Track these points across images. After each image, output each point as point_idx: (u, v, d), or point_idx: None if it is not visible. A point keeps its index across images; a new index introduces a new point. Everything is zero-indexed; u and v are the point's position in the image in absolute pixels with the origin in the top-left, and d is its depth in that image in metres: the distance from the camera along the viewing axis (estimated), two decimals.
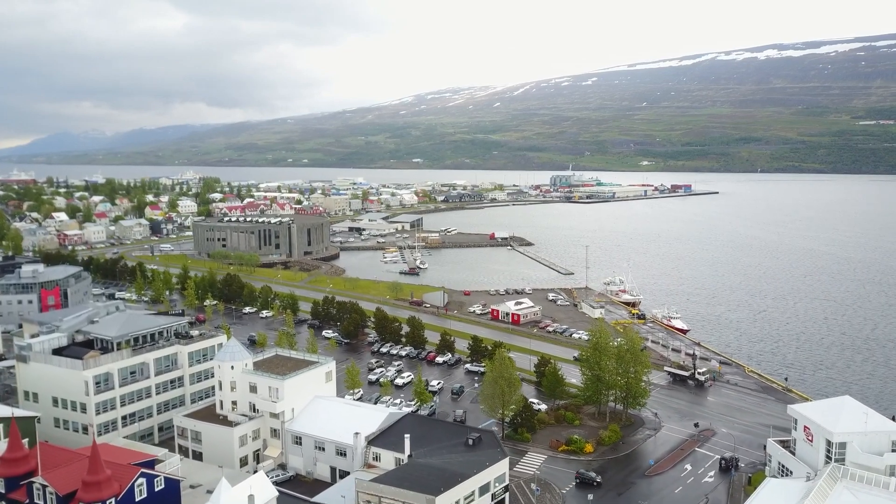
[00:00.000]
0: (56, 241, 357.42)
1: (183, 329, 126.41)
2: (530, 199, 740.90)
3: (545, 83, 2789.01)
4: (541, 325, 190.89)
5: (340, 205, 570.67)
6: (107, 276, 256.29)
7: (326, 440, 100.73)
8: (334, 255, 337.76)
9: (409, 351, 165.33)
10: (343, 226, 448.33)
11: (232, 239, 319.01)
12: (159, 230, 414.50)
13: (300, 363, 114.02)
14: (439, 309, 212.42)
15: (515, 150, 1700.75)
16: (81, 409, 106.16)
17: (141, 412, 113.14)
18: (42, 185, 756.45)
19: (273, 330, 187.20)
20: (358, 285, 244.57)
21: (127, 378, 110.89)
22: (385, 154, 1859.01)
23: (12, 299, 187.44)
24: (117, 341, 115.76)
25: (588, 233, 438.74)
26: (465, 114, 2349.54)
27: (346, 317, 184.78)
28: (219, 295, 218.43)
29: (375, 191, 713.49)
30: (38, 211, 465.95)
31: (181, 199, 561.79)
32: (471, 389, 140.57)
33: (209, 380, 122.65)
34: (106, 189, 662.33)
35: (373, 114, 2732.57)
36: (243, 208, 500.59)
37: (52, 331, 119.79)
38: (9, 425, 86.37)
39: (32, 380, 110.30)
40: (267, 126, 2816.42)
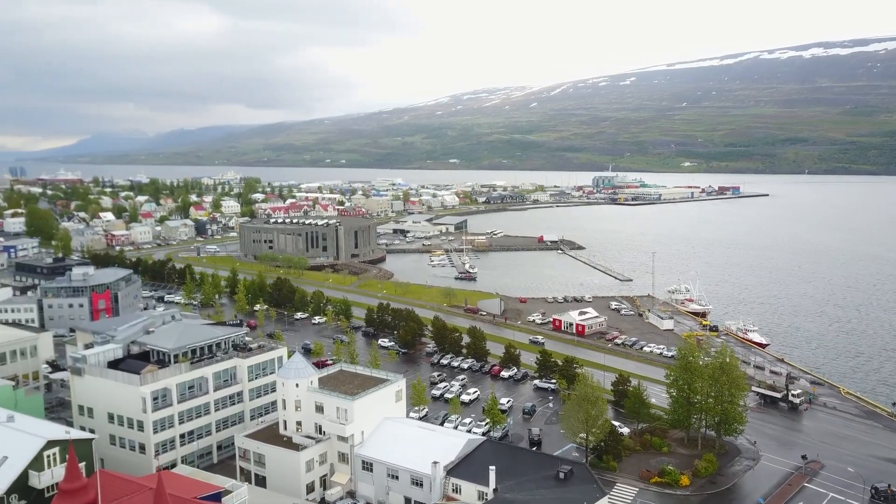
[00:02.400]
0: (104, 241, 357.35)
1: (241, 341, 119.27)
2: (573, 201, 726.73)
3: (582, 83, 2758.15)
4: (607, 336, 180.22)
5: (382, 206, 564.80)
6: (155, 278, 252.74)
7: (400, 468, 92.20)
8: (381, 258, 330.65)
9: (471, 363, 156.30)
10: (387, 227, 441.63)
11: (279, 241, 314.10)
12: (204, 231, 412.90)
13: (368, 381, 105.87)
14: (496, 317, 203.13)
15: (553, 150, 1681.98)
16: (138, 427, 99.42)
17: (199, 430, 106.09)
18: (88, 184, 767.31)
19: (326, 337, 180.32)
20: (409, 290, 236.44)
21: (185, 394, 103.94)
22: (421, 154, 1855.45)
23: (63, 303, 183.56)
24: (174, 354, 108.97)
25: (637, 236, 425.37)
26: (501, 114, 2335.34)
27: (402, 325, 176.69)
28: (269, 299, 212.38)
29: (415, 192, 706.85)
30: (85, 211, 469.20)
31: (224, 199, 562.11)
32: (543, 409, 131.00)
33: (269, 395, 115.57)
34: (150, 189, 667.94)
35: (409, 114, 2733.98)
36: (286, 209, 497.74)
37: (107, 341, 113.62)
38: (66, 449, 79.74)
39: (87, 394, 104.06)
40: (304, 126, 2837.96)
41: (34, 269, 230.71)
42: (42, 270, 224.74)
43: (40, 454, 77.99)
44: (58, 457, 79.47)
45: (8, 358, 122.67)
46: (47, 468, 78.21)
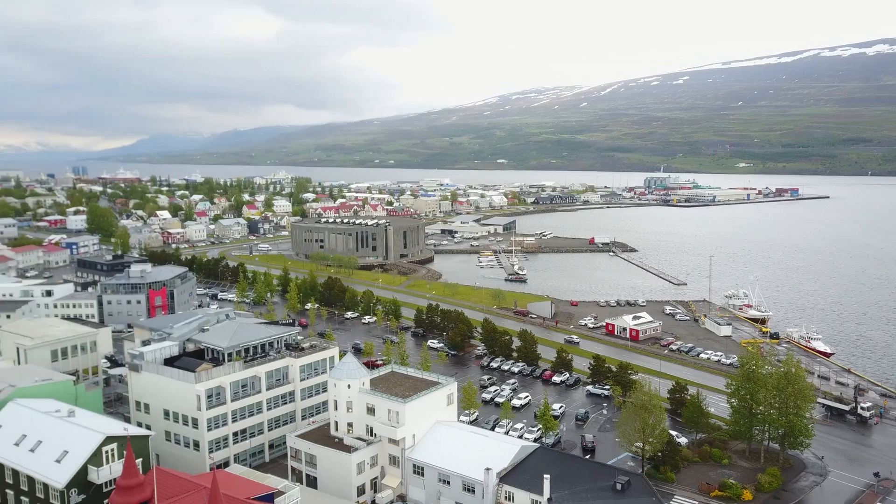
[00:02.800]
0: (160, 238, 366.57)
1: (294, 340, 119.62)
2: (624, 202, 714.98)
3: (633, 82, 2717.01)
4: (662, 342, 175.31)
5: (430, 206, 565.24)
6: (209, 275, 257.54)
7: (452, 473, 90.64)
8: (429, 259, 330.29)
9: (522, 367, 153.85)
10: (435, 228, 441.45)
11: (329, 240, 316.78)
12: (256, 230, 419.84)
13: (419, 383, 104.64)
14: (546, 320, 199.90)
15: (603, 150, 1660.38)
16: (193, 425, 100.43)
17: (252, 429, 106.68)
18: (146, 183, 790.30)
19: (376, 337, 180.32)
20: (458, 291, 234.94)
21: (238, 392, 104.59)
22: (469, 155, 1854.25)
23: (122, 299, 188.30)
24: (228, 352, 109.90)
25: (691, 238, 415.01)
26: (550, 114, 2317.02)
27: (451, 326, 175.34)
28: (320, 298, 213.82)
29: (463, 192, 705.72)
30: (142, 209, 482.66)
31: (276, 198, 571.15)
32: (596, 415, 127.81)
33: (320, 395, 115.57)
34: (204, 188, 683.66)
35: (457, 115, 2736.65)
36: (337, 209, 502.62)
37: (164, 338, 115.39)
38: (123, 445, 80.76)
39: (144, 390, 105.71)
40: (353, 127, 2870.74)
41: (95, 265, 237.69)
42: (102, 267, 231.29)
43: (99, 450, 79.05)
44: (116, 453, 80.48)
45: (69, 353, 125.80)
46: (106, 464, 79.25)
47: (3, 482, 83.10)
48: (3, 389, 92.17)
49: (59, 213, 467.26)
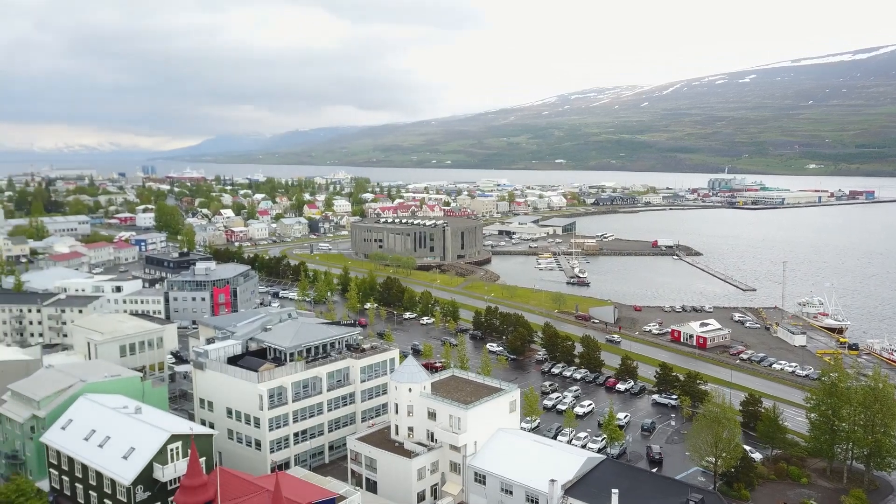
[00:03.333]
0: (224, 237, 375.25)
1: (355, 341, 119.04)
2: (687, 204, 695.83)
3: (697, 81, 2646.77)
4: (732, 350, 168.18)
5: (487, 207, 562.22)
6: (271, 274, 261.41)
7: (515, 483, 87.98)
8: (486, 260, 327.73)
9: (584, 374, 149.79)
10: (492, 229, 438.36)
11: (388, 240, 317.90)
12: (317, 229, 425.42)
13: (480, 389, 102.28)
14: (608, 325, 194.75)
15: (664, 151, 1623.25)
16: (255, 424, 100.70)
17: (313, 430, 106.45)
18: (210, 182, 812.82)
19: (435, 339, 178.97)
20: (516, 294, 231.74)
21: (300, 393, 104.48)
22: (527, 155, 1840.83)
23: (187, 296, 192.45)
24: (290, 352, 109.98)
25: (759, 242, 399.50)
26: (610, 114, 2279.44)
27: (511, 330, 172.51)
28: (379, 298, 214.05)
29: (521, 192, 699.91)
30: (207, 207, 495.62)
31: (336, 198, 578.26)
32: (663, 426, 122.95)
33: (380, 397, 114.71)
34: (266, 188, 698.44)
35: (514, 115, 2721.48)
36: (395, 209, 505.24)
37: (227, 337, 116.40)
38: (188, 443, 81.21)
39: (208, 388, 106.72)
40: (411, 128, 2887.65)
41: (162, 262, 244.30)
42: (169, 264, 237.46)
43: (164, 447, 79.69)
44: (180, 451, 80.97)
45: (137, 348, 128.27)
46: (171, 462, 79.81)
47: (73, 476, 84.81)
48: (74, 384, 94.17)
49: (129, 211, 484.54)
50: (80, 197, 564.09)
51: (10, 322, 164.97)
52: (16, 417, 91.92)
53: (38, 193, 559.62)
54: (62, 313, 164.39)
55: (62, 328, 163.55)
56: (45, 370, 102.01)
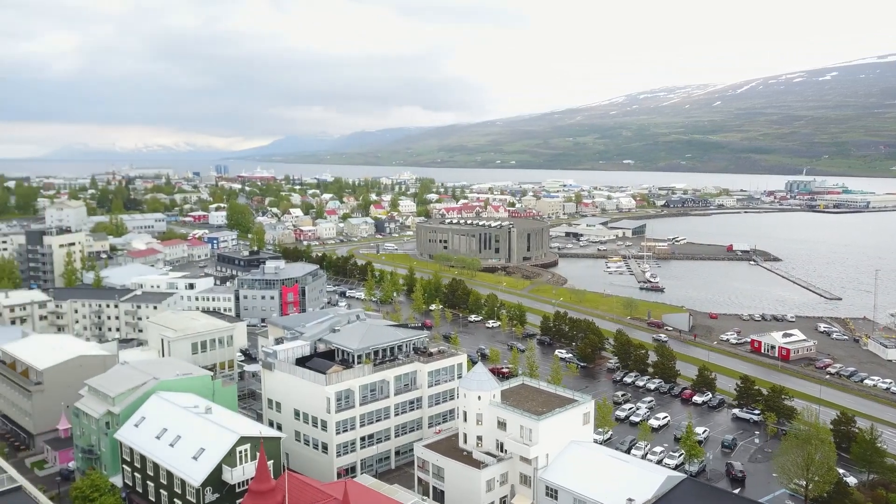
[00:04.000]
0: (293, 235, 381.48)
1: (422, 344, 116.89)
2: (763, 207, 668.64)
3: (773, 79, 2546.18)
4: (818, 363, 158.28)
5: (554, 208, 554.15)
6: (338, 273, 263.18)
7: (589, 499, 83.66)
8: (553, 262, 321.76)
9: (658, 384, 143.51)
10: (558, 230, 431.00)
11: (453, 241, 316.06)
12: (383, 229, 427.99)
13: (552, 399, 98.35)
14: (682, 333, 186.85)
15: (738, 151, 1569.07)
16: (322, 427, 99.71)
17: (379, 434, 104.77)
18: (280, 182, 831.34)
19: (500, 343, 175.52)
20: (585, 298, 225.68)
21: (367, 396, 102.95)
22: (593, 155, 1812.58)
23: (256, 294, 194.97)
24: (358, 354, 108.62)
25: (842, 248, 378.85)
26: (680, 113, 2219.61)
27: (581, 336, 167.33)
28: (443, 300, 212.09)
29: (588, 193, 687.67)
30: (277, 207, 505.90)
31: (401, 198, 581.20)
32: (746, 443, 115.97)
33: (447, 403, 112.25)
34: (334, 187, 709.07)
35: (581, 114, 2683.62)
36: (459, 210, 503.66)
37: (296, 337, 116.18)
38: (256, 446, 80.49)
39: (276, 389, 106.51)
40: (475, 128, 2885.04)
41: (233, 260, 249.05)
42: (239, 262, 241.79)
43: (233, 449, 79.15)
44: (249, 453, 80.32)
45: (208, 346, 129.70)
46: (239, 464, 79.22)
47: (145, 473, 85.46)
48: (147, 382, 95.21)
49: (203, 209, 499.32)
50: (157, 195, 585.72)
51: (90, 317, 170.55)
52: (92, 413, 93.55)
53: (118, 192, 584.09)
54: (138, 309, 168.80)
55: (137, 323, 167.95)
56: (120, 367, 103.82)
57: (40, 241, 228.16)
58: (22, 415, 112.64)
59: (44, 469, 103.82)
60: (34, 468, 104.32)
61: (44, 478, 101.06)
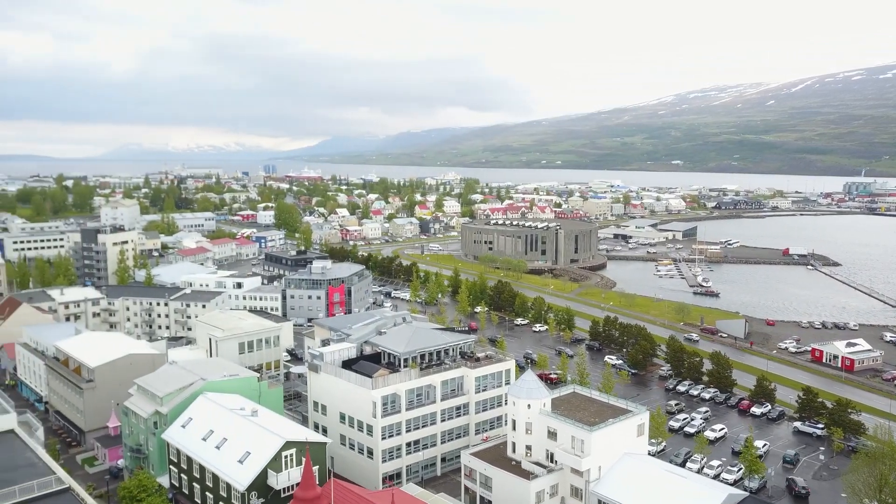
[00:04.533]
0: (339, 235, 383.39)
1: (469, 348, 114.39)
2: (820, 209, 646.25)
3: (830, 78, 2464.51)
4: (885, 376, 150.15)
5: (601, 209, 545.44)
6: (383, 273, 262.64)
7: None
8: (601, 265, 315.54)
9: (714, 394, 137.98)
10: (606, 232, 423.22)
11: (498, 242, 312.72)
12: (427, 229, 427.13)
13: (604, 409, 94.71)
14: (738, 341, 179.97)
15: (791, 152, 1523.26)
16: (368, 432, 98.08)
17: (425, 440, 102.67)
18: (327, 182, 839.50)
19: (547, 347, 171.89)
20: (635, 303, 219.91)
21: (413, 401, 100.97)
22: (641, 156, 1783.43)
23: (303, 294, 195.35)
24: (404, 358, 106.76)
25: None
26: (732, 113, 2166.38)
27: (632, 342, 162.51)
28: (489, 302, 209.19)
29: (636, 194, 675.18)
30: (323, 206, 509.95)
31: (446, 199, 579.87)
32: (809, 459, 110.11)
33: (494, 410, 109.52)
34: (379, 188, 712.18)
35: (629, 114, 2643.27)
36: (504, 210, 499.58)
37: (342, 339, 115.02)
38: (302, 451, 79.23)
39: (322, 391, 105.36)
40: (521, 128, 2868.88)
41: (280, 260, 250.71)
42: (287, 262, 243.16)
43: (279, 454, 78.01)
44: (294, 458, 79.08)
45: (255, 346, 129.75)
46: (284, 469, 78.05)
47: (191, 475, 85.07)
48: (194, 382, 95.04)
49: (251, 209, 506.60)
50: (207, 195, 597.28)
51: (141, 314, 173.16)
52: (140, 412, 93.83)
53: (170, 191, 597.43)
54: (187, 307, 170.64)
55: (187, 322, 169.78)
56: (168, 366, 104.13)
57: (95, 240, 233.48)
58: (74, 411, 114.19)
59: (94, 466, 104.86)
60: (85, 465, 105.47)
61: (94, 475, 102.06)
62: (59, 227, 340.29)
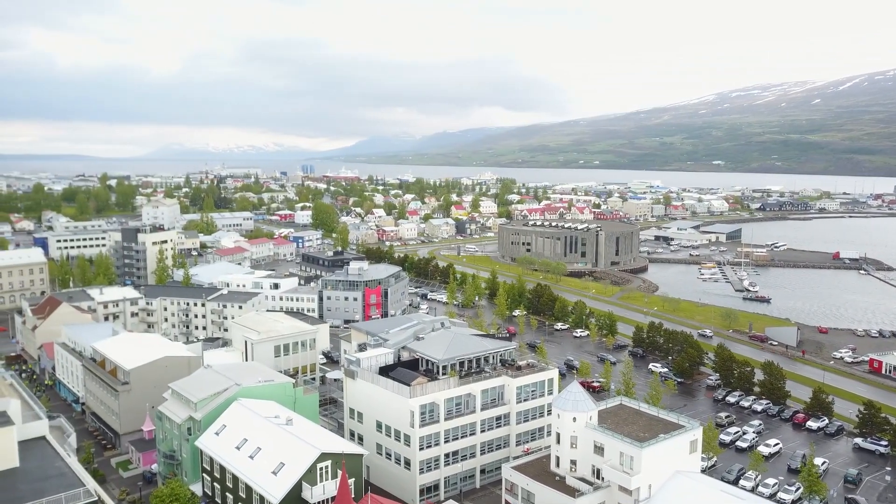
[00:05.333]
0: (375, 235, 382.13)
1: (510, 356, 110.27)
2: (870, 211, 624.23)
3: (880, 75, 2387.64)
4: None
5: (641, 210, 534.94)
6: (419, 274, 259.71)
7: None
8: (643, 268, 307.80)
9: (766, 406, 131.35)
10: (647, 234, 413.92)
11: (537, 244, 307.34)
12: (463, 230, 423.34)
13: (654, 423, 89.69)
14: (789, 349, 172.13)
15: (839, 152, 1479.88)
16: (405, 441, 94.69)
17: (464, 451, 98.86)
18: (364, 182, 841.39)
19: (589, 353, 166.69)
20: (679, 307, 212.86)
21: (452, 410, 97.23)
22: (681, 156, 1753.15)
23: (340, 295, 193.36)
24: (443, 365, 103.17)
25: None
26: (775, 112, 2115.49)
27: (677, 349, 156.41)
28: (528, 305, 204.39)
29: (677, 195, 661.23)
30: (360, 207, 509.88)
31: (482, 199, 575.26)
32: (873, 479, 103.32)
33: (536, 420, 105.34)
34: (415, 188, 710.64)
35: (668, 114, 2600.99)
36: (542, 211, 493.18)
37: (380, 344, 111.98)
38: (338, 463, 76.13)
39: (359, 398, 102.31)
40: (558, 128, 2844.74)
41: (317, 260, 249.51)
42: (324, 262, 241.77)
43: (314, 466, 75.02)
44: (330, 471, 76.01)
45: (290, 349, 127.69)
46: (320, 482, 75.03)
47: (224, 484, 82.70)
48: (229, 388, 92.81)
49: (289, 209, 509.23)
50: (246, 194, 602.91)
51: (178, 315, 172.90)
52: (174, 417, 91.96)
53: (210, 190, 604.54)
54: (223, 308, 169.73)
55: (223, 322, 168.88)
56: (203, 370, 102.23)
57: (135, 239, 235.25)
58: (109, 414, 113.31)
59: (128, 470, 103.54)
60: (119, 468, 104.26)
61: (128, 479, 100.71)
62: (101, 226, 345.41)
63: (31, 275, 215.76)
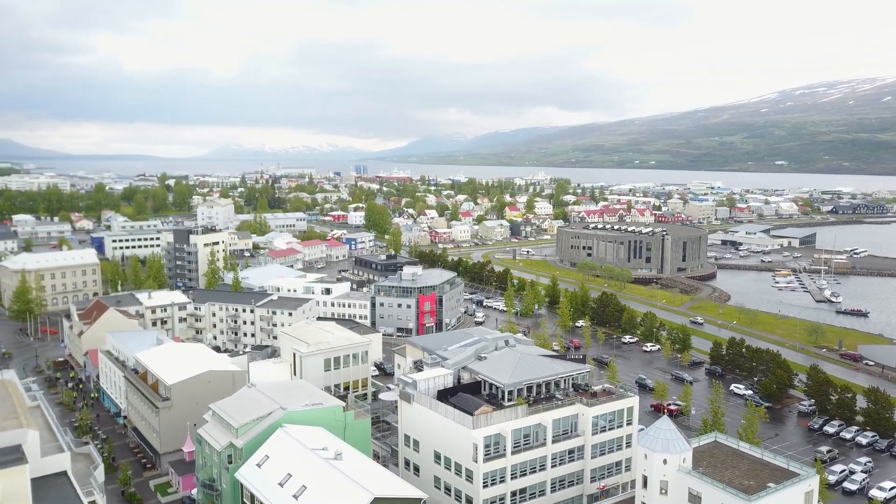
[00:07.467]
0: (428, 237, 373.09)
1: (583, 380, 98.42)
2: None
3: None
4: None
5: (704, 212, 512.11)
6: (474, 279, 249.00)
7: None
8: (711, 274, 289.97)
9: (871, 438, 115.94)
10: (713, 238, 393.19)
11: (598, 248, 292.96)
12: (518, 232, 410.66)
13: (758, 467, 76.71)
14: (886, 370, 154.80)
15: None
16: (466, 477, 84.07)
17: (533, 488, 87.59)
18: (416, 182, 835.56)
19: (660, 370, 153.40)
20: (757, 320, 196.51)
21: (520, 443, 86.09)
22: (741, 156, 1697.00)
23: (393, 302, 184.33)
24: (509, 390, 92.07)
25: None
26: (842, 110, 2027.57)
27: (763, 369, 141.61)
28: (592, 315, 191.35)
29: (741, 197, 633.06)
30: (413, 207, 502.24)
31: (536, 200, 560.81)
32: None
33: (613, 454, 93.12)
34: (468, 188, 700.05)
35: (728, 113, 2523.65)
36: (600, 212, 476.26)
37: (437, 363, 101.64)
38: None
39: (414, 424, 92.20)
40: (613, 127, 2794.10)
41: (370, 264, 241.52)
42: (376, 266, 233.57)
43: None
44: None
45: (341, 362, 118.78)
46: None
47: None
48: (273, 412, 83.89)
49: (342, 209, 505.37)
50: (300, 194, 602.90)
51: (227, 321, 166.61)
52: (214, 443, 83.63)
53: (263, 190, 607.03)
54: (273, 315, 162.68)
55: (272, 330, 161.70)
56: (246, 390, 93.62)
57: (187, 240, 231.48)
58: (150, 430, 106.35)
59: (167, 495, 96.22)
60: (158, 492, 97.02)
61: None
62: (157, 226, 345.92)
63: (83, 276, 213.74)
